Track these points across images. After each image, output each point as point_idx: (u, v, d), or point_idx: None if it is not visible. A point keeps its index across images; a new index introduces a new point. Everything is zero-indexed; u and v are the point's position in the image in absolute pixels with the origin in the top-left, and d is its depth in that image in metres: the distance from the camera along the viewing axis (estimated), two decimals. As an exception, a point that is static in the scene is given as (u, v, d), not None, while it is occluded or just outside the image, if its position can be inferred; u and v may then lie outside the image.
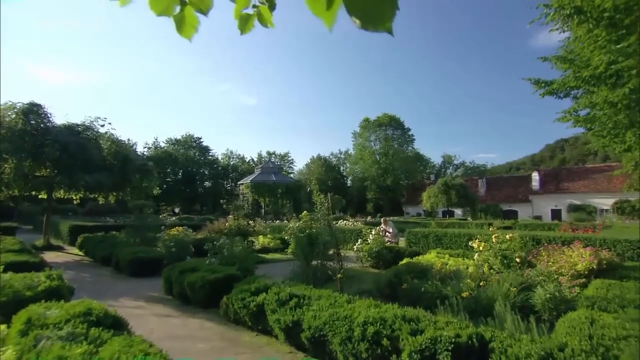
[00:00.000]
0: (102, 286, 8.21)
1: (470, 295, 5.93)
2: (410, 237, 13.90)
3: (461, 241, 12.55)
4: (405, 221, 32.00)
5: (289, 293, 4.85)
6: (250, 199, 38.35)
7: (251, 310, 4.93)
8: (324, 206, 6.21)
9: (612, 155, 60.94)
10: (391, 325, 3.57)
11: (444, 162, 77.11)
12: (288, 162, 73.88)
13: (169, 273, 7.26)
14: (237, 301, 5.19)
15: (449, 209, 42.84)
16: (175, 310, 6.30)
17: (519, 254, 8.04)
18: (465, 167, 75.05)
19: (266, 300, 4.84)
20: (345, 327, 3.73)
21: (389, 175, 57.90)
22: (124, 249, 10.37)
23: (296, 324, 4.21)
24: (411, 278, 7.09)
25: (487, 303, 5.67)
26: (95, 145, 14.81)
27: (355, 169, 65.52)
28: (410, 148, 62.88)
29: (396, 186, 59.26)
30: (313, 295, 4.81)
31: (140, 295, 7.35)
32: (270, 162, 52.48)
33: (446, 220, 33.60)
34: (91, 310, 3.61)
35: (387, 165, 58.21)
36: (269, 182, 38.36)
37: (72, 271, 10.02)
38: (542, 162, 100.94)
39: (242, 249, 7.99)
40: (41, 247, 14.59)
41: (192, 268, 7.10)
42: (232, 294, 5.44)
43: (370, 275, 9.63)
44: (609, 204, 38.73)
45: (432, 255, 10.12)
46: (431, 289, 6.39)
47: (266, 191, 37.71)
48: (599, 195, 40.98)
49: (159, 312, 6.12)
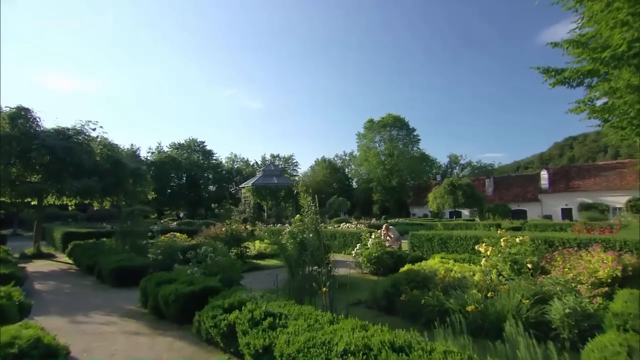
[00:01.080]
0: (79, 298, 7.63)
1: (476, 308, 5.22)
2: (414, 241, 13.15)
3: (467, 244, 11.79)
4: (412, 222, 31.17)
5: (264, 311, 4.20)
6: (252, 202, 37.79)
7: (222, 330, 4.29)
8: (311, 209, 5.55)
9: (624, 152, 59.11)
10: (376, 357, 2.90)
11: (450, 162, 75.98)
12: (292, 164, 73.36)
13: (145, 284, 6.65)
14: (208, 319, 4.55)
15: (456, 210, 41.89)
16: (148, 326, 5.68)
17: (530, 259, 7.30)
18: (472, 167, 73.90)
19: (238, 319, 4.20)
20: (322, 356, 3.07)
21: (394, 176, 57.02)
22: (108, 257, 9.81)
23: (267, 350, 3.56)
24: (411, 288, 6.40)
25: (495, 319, 4.96)
26: (85, 150, 14.33)
27: (360, 171, 64.73)
28: (415, 148, 61.93)
29: (402, 187, 58.36)
30: (292, 313, 4.15)
31: (116, 308, 6.75)
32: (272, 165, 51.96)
33: (453, 221, 32.71)
34: (15, 341, 2.99)
35: (392, 166, 57.33)
36: (270, 184, 37.81)
37: (53, 281, 9.49)
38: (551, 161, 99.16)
39: (227, 257, 7.36)
40: (31, 255, 14.14)
41: (169, 279, 6.48)
42: (204, 310, 4.80)
43: (369, 283, 8.94)
44: (622, 202, 37.54)
45: (436, 261, 9.41)
46: (432, 302, 5.69)
47: (268, 194, 37.14)
48: (612, 193, 39.77)
49: (129, 330, 5.50)
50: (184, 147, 63.55)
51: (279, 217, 34.22)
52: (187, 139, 64.22)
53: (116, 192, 15.55)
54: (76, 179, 13.36)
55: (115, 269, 8.77)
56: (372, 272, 10.22)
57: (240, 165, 71.45)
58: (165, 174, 56.39)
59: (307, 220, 5.87)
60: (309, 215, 5.83)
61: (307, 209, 5.79)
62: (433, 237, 12.62)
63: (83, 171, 13.77)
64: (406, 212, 56.06)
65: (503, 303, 5.22)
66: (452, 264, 8.81)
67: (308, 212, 5.80)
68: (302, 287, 5.59)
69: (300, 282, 5.57)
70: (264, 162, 68.81)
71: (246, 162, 72.67)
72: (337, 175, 67.18)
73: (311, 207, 5.78)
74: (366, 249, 10.71)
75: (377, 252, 10.20)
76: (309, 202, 5.83)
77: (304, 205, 5.87)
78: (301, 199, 5.90)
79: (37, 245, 14.67)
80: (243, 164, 71.85)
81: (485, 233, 12.09)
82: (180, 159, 59.54)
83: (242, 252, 12.05)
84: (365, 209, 58.81)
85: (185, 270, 7.16)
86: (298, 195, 5.95)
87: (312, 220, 5.79)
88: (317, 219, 5.80)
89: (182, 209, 59.62)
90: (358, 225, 22.68)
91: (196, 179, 60.10)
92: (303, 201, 5.86)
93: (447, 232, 12.66)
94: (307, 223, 5.80)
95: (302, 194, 5.89)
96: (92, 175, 14.04)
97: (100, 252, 10.89)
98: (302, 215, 6.23)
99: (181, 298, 5.52)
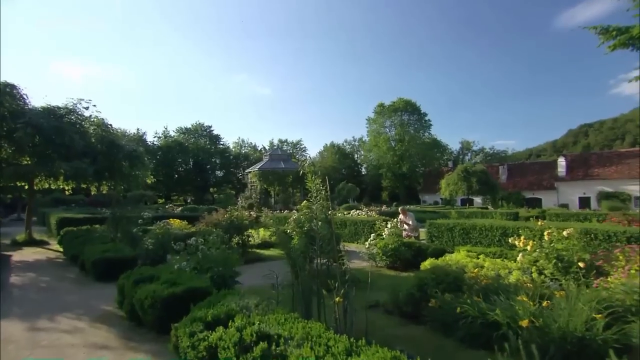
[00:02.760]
0: (52, 295, 6.66)
1: (532, 323, 4.04)
2: (432, 230, 11.98)
3: (493, 236, 10.59)
4: (423, 210, 29.86)
5: (257, 331, 3.10)
6: (259, 187, 36.76)
7: (201, 353, 3.20)
8: (321, 194, 4.40)
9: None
10: None
11: (462, 149, 74.08)
12: (300, 149, 72.12)
13: (123, 282, 5.61)
14: (185, 337, 3.47)
15: (469, 197, 40.43)
16: (120, 336, 4.66)
17: (580, 256, 6.10)
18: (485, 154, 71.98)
19: (222, 340, 3.10)
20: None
21: (404, 162, 55.45)
22: (94, 246, 8.83)
23: (257, 397, 2.45)
24: (441, 291, 5.25)
25: (560, 339, 3.80)
26: (77, 130, 13.30)
27: (369, 157, 63.17)
28: (427, 134, 60.06)
29: (412, 174, 56.82)
30: (294, 335, 3.04)
31: (90, 310, 5.75)
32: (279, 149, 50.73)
33: (467, 209, 31.35)
34: None
35: (402, 152, 55.69)
36: (277, 169, 36.66)
37: (33, 273, 8.56)
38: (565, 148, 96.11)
39: (221, 250, 6.29)
40: (22, 242, 13.31)
41: (151, 276, 5.44)
42: (182, 323, 3.72)
43: (385, 279, 7.83)
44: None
45: (462, 255, 8.24)
46: (472, 311, 4.54)
47: (275, 179, 36.04)
48: (634, 182, 37.84)
49: (95, 341, 4.47)
50: (190, 132, 62.63)
51: (286, 203, 33.20)
52: (193, 123, 63.25)
53: (112, 175, 14.57)
54: (67, 161, 12.35)
55: (99, 261, 7.76)
56: (388, 266, 9.10)
57: (248, 150, 70.43)
58: (172, 158, 55.69)
59: (315, 207, 4.71)
60: (318, 201, 4.68)
61: (316, 193, 4.64)
62: (454, 226, 11.43)
63: (74, 153, 12.76)
64: (416, 199, 54.74)
65: (567, 316, 4.05)
66: (482, 259, 7.64)
67: (317, 198, 4.64)
68: (309, 290, 4.47)
69: (306, 285, 4.45)
70: (272, 147, 67.66)
71: (254, 147, 71.62)
72: (346, 161, 65.85)
73: (321, 191, 4.63)
74: (381, 240, 9.58)
75: (393, 244, 9.05)
76: (318, 185, 4.67)
77: (312, 189, 4.71)
78: (309, 182, 4.74)
79: (29, 231, 13.82)
80: (251, 149, 70.82)
81: (515, 224, 10.86)
82: (187, 144, 58.65)
83: (244, 241, 11.02)
84: (374, 196, 57.57)
85: (172, 266, 6.11)
86: (305, 177, 4.77)
87: (321, 206, 4.64)
88: (328, 205, 4.66)
89: (189, 194, 59.06)
90: (369, 213, 21.55)
91: (203, 164, 59.30)
92: (311, 184, 4.70)
93: (470, 222, 11.45)
94: (315, 210, 4.65)
95: (310, 176, 4.73)
96: (84, 157, 13.05)
97: (88, 240, 9.94)
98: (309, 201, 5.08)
99: (159, 303, 4.46)
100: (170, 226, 10.72)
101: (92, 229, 11.72)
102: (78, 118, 14.11)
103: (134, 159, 14.50)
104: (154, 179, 18.54)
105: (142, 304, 4.61)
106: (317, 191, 4.67)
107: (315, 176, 4.74)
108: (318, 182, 4.69)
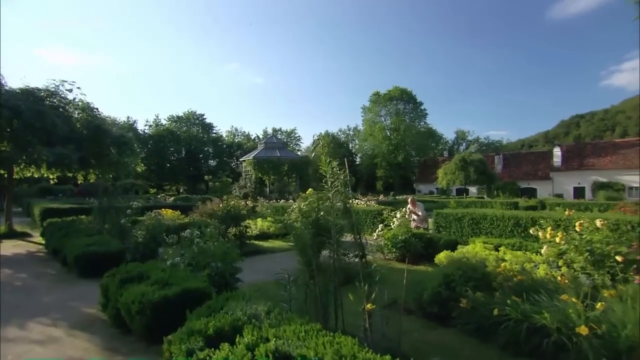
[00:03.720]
0: (28, 296, 5.90)
1: (590, 330, 3.43)
2: (440, 220, 11.42)
3: (505, 226, 10.04)
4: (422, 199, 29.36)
5: (274, 350, 2.43)
6: (253, 176, 35.87)
7: (202, 379, 2.52)
8: (339, 179, 3.69)
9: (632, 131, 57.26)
10: None
11: (457, 139, 73.75)
12: (295, 139, 71.06)
13: (107, 281, 4.88)
14: (181, 356, 2.78)
15: (465, 187, 40.10)
16: (103, 347, 3.96)
17: (617, 249, 5.51)
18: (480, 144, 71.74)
19: (229, 364, 2.42)
20: None
21: (400, 152, 54.93)
22: (77, 239, 8.05)
23: None
24: (471, 289, 4.64)
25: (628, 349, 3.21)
26: (59, 114, 12.35)
27: (364, 146, 62.48)
28: (422, 123, 59.47)
29: (407, 163, 56.38)
30: (323, 354, 2.37)
31: (69, 313, 5.02)
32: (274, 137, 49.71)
33: (465, 198, 30.94)
34: None
35: (398, 141, 55.11)
36: (272, 158, 35.75)
37: (10, 269, 7.76)
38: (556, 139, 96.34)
39: (220, 242, 5.59)
40: (1, 234, 12.43)
41: (140, 274, 4.72)
42: (177, 335, 3.02)
43: (397, 273, 7.17)
44: (639, 182, 35.87)
45: (478, 247, 7.63)
46: (514, 314, 3.93)
47: (270, 168, 35.15)
48: (629, 172, 37.82)
49: (71, 355, 3.77)
50: (182, 120, 61.15)
51: (281, 192, 32.45)
52: (185, 111, 61.74)
53: (99, 162, 13.67)
54: (49, 147, 11.44)
55: (82, 256, 6.99)
56: (398, 259, 8.48)
57: (242, 139, 69.21)
58: (163, 147, 54.39)
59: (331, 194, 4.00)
60: (335, 187, 3.98)
61: (334, 178, 3.94)
62: (463, 216, 10.86)
63: (57, 138, 11.84)
64: (411, 189, 54.38)
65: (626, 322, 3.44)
66: (502, 252, 7.05)
67: (335, 183, 3.95)
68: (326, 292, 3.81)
69: (322, 286, 3.79)
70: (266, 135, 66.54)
71: (247, 136, 70.40)
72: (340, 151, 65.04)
73: (339, 175, 3.94)
74: (389, 230, 8.96)
75: (403, 235, 8.43)
76: (335, 168, 3.98)
77: (327, 173, 4.01)
78: (322, 165, 4.03)
79: (9, 223, 12.92)
80: (244, 138, 69.61)
81: (527, 214, 10.31)
82: (179, 132, 57.26)
83: (241, 232, 10.32)
84: (368, 186, 57.10)
85: (164, 261, 5.39)
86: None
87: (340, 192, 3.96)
88: (348, 193, 3.98)
89: (181, 184, 57.92)
90: (367, 203, 21.02)
91: (196, 152, 58.07)
92: (325, 167, 3.99)
93: (481, 211, 10.88)
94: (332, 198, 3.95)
95: (323, 158, 4.02)
96: (68, 143, 12.13)
97: (72, 232, 9.15)
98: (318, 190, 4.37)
99: (148, 309, 3.76)
100: (162, 217, 9.95)
101: (78, 220, 10.88)
102: (61, 101, 13.14)
103: (123, 145, 13.60)
104: (145, 167, 17.60)
105: (129, 308, 3.91)
106: (334, 175, 3.97)
107: (330, 159, 4.05)
108: (334, 165, 4.00)
